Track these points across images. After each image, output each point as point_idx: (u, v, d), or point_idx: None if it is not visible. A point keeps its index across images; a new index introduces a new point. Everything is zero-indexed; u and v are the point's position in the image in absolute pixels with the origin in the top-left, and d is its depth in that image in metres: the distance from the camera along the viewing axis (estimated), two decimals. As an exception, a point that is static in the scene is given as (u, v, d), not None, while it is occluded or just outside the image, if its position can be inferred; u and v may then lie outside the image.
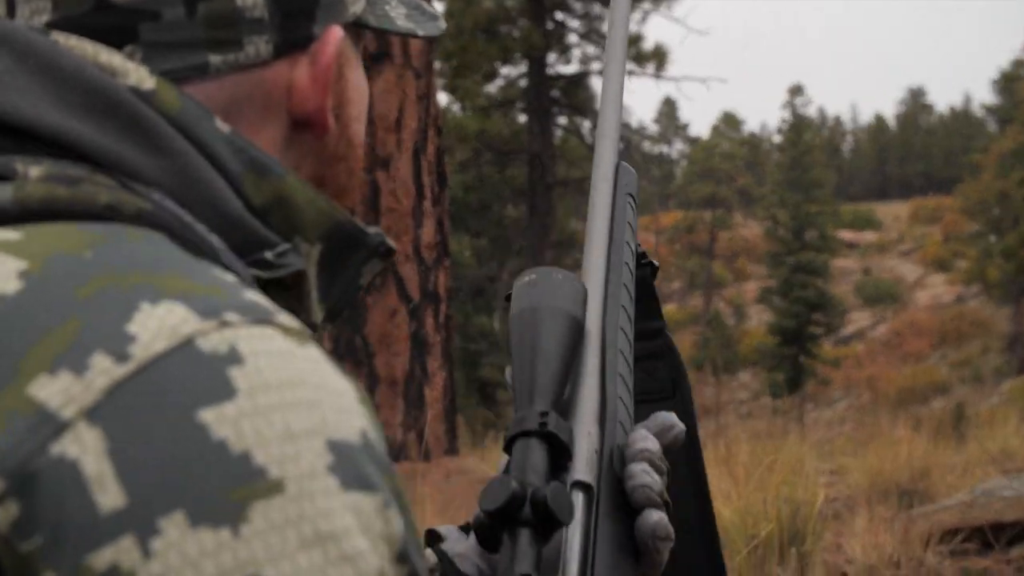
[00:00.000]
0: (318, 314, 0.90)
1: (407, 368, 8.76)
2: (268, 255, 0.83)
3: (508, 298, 1.14)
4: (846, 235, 57.44)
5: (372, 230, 0.93)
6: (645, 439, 0.96)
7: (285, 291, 0.86)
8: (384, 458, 0.69)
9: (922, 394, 30.24)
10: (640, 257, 1.16)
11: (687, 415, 1.14)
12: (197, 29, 0.85)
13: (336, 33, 0.91)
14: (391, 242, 0.95)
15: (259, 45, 0.87)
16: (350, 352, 8.61)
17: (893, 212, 70.19)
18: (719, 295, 51.77)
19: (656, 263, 1.19)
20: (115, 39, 0.84)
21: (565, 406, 0.96)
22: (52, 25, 0.84)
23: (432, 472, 7.94)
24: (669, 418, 1.01)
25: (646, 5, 23.55)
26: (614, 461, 0.95)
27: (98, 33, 0.84)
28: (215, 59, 0.86)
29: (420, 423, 8.56)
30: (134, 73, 0.82)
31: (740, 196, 54.23)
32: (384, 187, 8.82)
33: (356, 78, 0.98)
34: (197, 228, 0.78)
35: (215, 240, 0.79)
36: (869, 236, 62.67)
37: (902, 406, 23.04)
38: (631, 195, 1.17)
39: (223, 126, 0.84)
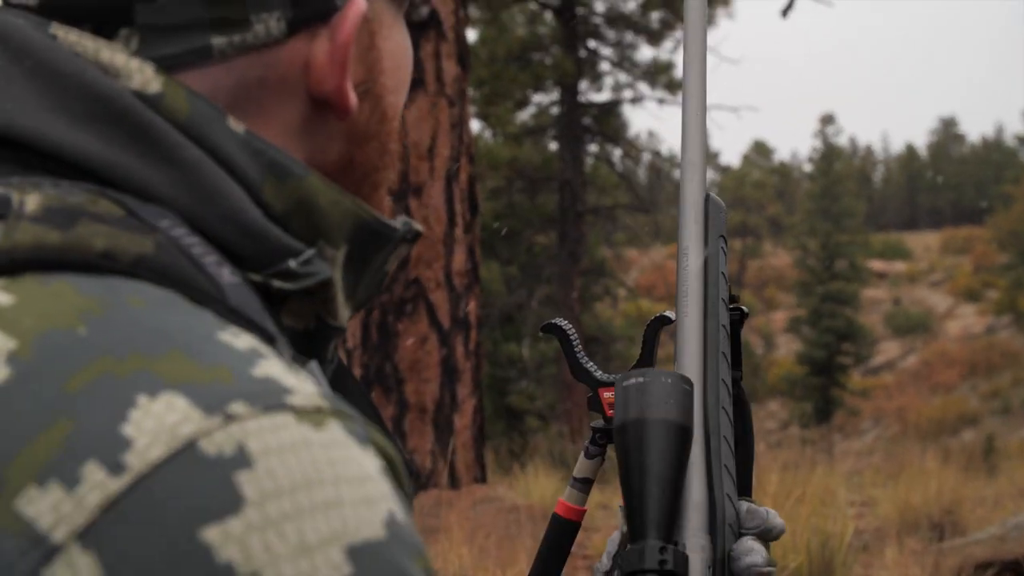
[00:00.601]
0: (344, 314, 0.84)
1: (437, 395, 8.77)
2: (292, 264, 0.76)
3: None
4: (876, 265, 57.22)
5: (398, 222, 0.87)
6: (751, 552, 0.98)
7: (310, 296, 0.80)
8: (413, 537, 0.63)
9: (952, 425, 30.07)
10: (729, 301, 1.12)
11: (747, 474, 1.15)
12: (198, 9, 0.77)
13: (358, 5, 0.82)
14: (418, 226, 0.89)
15: (269, 23, 0.79)
16: (380, 379, 8.63)
17: (924, 242, 69.97)
18: (748, 324, 51.52)
19: (746, 309, 1.15)
20: (109, 21, 0.77)
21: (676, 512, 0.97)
22: (44, 5, 0.78)
23: (460, 500, 7.94)
24: (770, 518, 1.03)
25: (678, 34, 23.57)
26: (725, 572, 0.98)
27: (91, 14, 0.77)
28: (219, 41, 0.78)
29: (449, 450, 8.57)
30: (138, 74, 0.75)
31: (770, 225, 54.11)
32: (416, 214, 8.84)
33: (392, 46, 0.88)
34: (206, 263, 0.71)
35: (226, 274, 0.72)
36: (899, 266, 62.41)
37: (932, 437, 22.93)
38: (723, 236, 1.10)
39: (237, 126, 0.77)
